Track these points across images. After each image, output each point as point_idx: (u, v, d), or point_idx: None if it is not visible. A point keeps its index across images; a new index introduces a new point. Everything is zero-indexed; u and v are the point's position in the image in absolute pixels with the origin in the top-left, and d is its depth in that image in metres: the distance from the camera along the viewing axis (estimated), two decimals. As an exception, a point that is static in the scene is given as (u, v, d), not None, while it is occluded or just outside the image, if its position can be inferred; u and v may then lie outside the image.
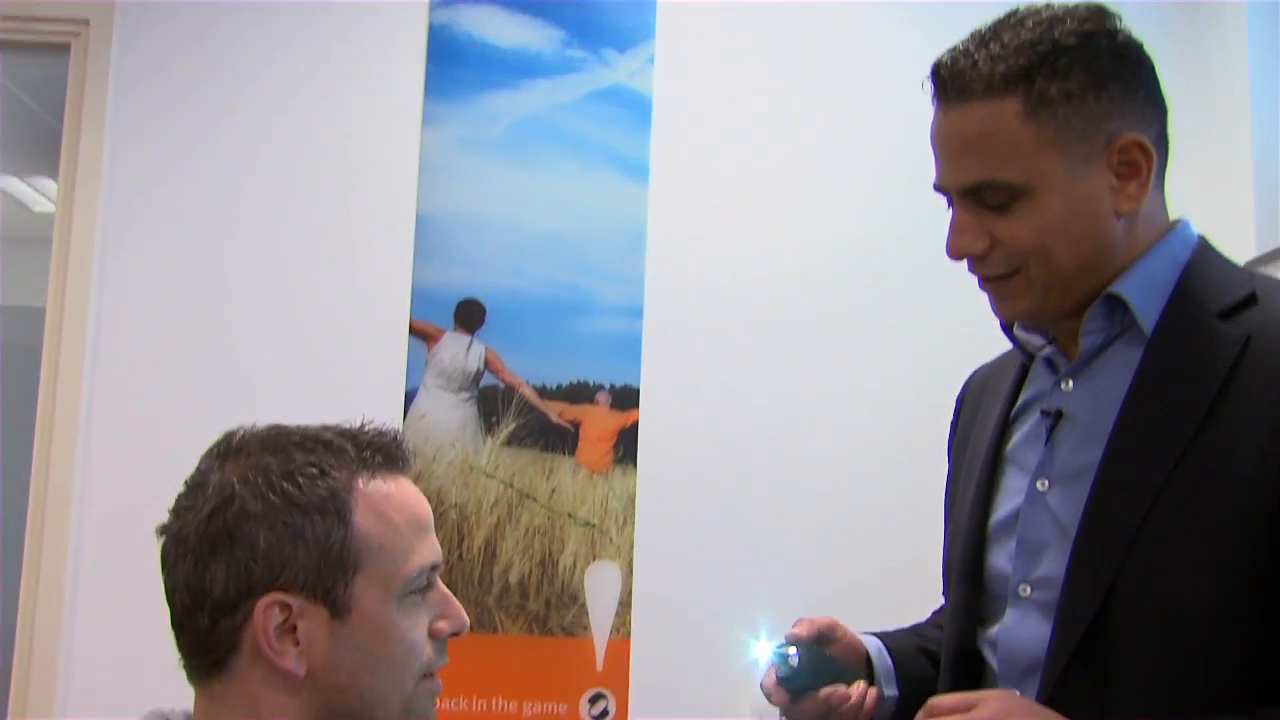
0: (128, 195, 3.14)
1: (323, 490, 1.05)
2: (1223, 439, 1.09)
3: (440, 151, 3.14)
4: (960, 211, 1.20)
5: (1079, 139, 1.15)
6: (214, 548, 1.03)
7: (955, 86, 1.17)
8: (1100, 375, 1.21)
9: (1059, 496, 1.19)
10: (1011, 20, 1.18)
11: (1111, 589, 1.09)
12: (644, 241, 3.12)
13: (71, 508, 3.02)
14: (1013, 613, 1.21)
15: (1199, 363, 1.12)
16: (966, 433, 1.40)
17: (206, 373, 3.07)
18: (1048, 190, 1.15)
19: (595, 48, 3.17)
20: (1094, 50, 1.15)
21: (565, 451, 3.06)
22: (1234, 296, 1.16)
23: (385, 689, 1.06)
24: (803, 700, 1.27)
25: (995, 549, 1.25)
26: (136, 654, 2.89)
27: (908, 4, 3.19)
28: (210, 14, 3.20)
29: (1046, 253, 1.17)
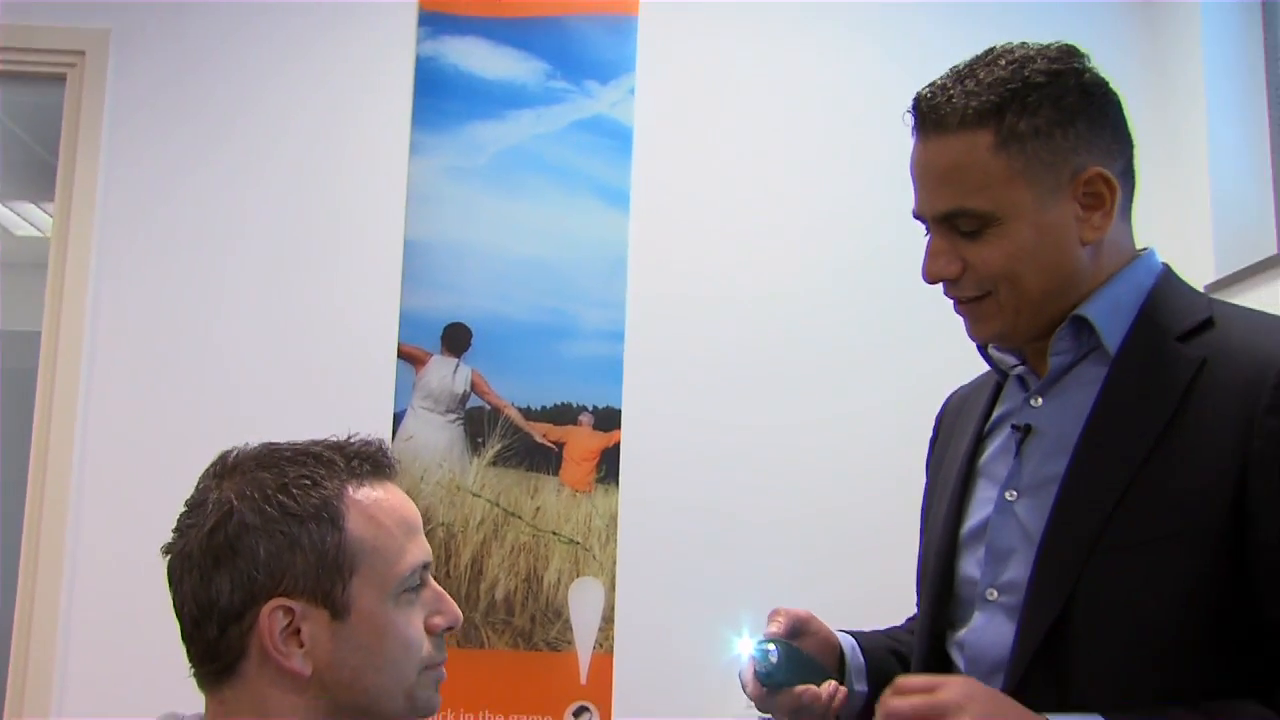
0: (122, 222, 3.19)
1: (316, 500, 1.10)
2: (1178, 454, 1.13)
3: (427, 180, 3.19)
4: (936, 238, 1.25)
5: (1046, 171, 1.20)
6: (218, 561, 1.08)
7: (932, 120, 1.23)
8: (1067, 393, 1.25)
9: (1026, 506, 1.23)
10: (987, 58, 1.25)
11: (1072, 594, 1.14)
12: (625, 267, 3.17)
13: (66, 528, 3.05)
14: (980, 615, 1.25)
15: (1158, 382, 1.17)
16: (943, 449, 1.45)
17: (199, 395, 3.11)
18: (1016, 219, 1.20)
19: (578, 79, 3.23)
20: (1062, 88, 1.21)
21: (549, 471, 3.11)
22: (1193, 320, 1.20)
23: (388, 683, 1.11)
24: (778, 695, 1.32)
25: (965, 556, 1.30)
26: (129, 667, 2.95)
27: (885, 38, 3.27)
28: (203, 46, 3.25)
29: (1015, 277, 1.22)
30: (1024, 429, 1.27)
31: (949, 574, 1.31)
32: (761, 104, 3.26)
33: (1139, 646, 1.12)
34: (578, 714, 3.01)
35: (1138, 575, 1.12)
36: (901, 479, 1.75)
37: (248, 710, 1.09)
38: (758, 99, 3.27)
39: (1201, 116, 3.04)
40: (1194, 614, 1.11)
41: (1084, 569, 1.14)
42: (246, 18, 3.26)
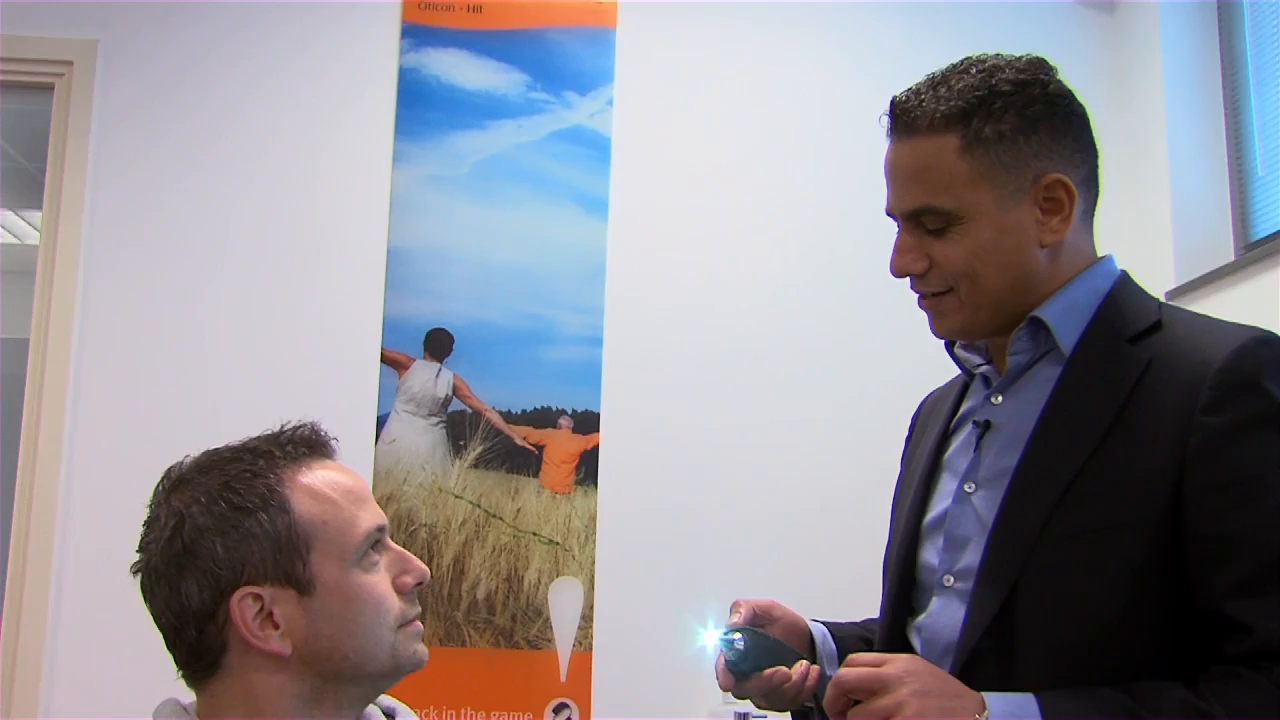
0: (110, 230, 3.22)
1: (260, 490, 1.14)
2: (1122, 449, 1.18)
3: (410, 189, 3.24)
4: (904, 234, 1.31)
5: (1008, 175, 1.25)
6: (181, 567, 1.13)
7: (904, 122, 1.29)
8: (1025, 390, 1.30)
9: (982, 497, 1.28)
10: (960, 67, 1.30)
11: (1018, 580, 1.19)
12: (604, 274, 3.23)
13: (55, 533, 3.07)
14: (937, 600, 1.30)
15: (1107, 381, 1.22)
16: (915, 447, 1.50)
17: (186, 400, 3.14)
18: (978, 218, 1.25)
19: (557, 90, 3.29)
20: (1027, 97, 1.26)
21: (530, 473, 3.15)
22: (1143, 323, 1.25)
23: (367, 645, 1.15)
24: (749, 681, 1.36)
25: (926, 545, 1.34)
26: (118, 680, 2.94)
27: (856, 48, 3.34)
28: (189, 57, 3.29)
29: (975, 275, 1.26)
30: (984, 425, 1.32)
31: (911, 562, 1.36)
32: (737, 114, 3.33)
33: (1080, 630, 1.16)
34: (558, 711, 3.06)
35: (1081, 562, 1.17)
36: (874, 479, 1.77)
37: (238, 699, 1.13)
38: (733, 109, 3.34)
39: (1161, 127, 3.12)
40: (1133, 600, 1.15)
41: (1030, 556, 1.19)
42: (233, 30, 3.31)
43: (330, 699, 1.16)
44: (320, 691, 1.15)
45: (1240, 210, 3.04)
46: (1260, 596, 1.10)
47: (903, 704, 1.11)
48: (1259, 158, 2.98)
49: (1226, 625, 1.12)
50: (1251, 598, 1.11)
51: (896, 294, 1.57)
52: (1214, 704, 1.09)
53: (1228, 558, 1.12)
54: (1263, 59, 2.98)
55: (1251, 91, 3.02)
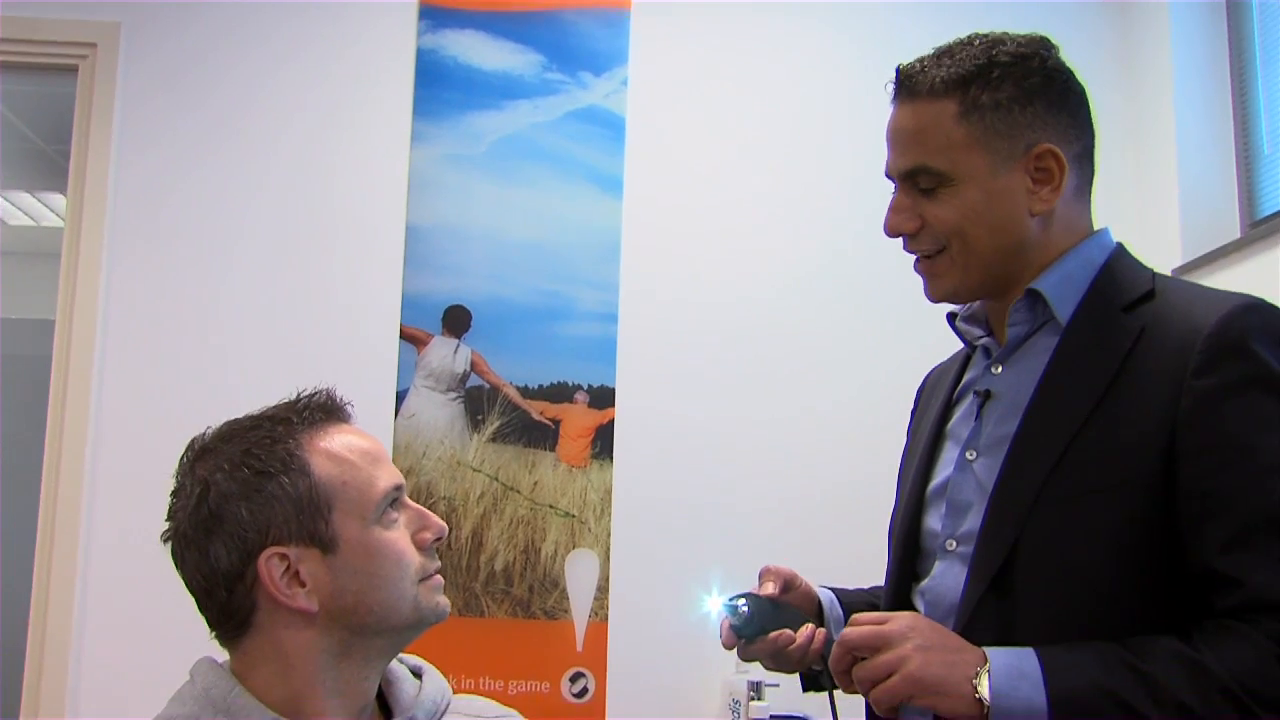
0: (133, 211, 3.26)
1: (280, 454, 1.19)
2: (1116, 414, 1.21)
3: (428, 167, 3.28)
4: (899, 195, 1.35)
5: (1001, 141, 1.29)
6: (208, 532, 1.18)
7: (907, 87, 1.34)
8: (1024, 360, 1.34)
9: (983, 464, 1.32)
10: (966, 40, 1.36)
11: (1017, 541, 1.23)
12: (618, 251, 3.27)
13: (81, 515, 3.11)
14: (940, 564, 1.34)
15: (1102, 349, 1.26)
16: (920, 418, 1.54)
17: (209, 378, 3.19)
18: (970, 181, 1.30)
19: (573, 71, 3.33)
20: (1025, 69, 1.31)
21: (546, 447, 3.20)
22: (1136, 292, 1.29)
23: (390, 598, 1.19)
24: (753, 645, 1.41)
25: (930, 512, 1.38)
26: (145, 655, 2.98)
27: (869, 31, 3.37)
28: (210, 39, 3.34)
29: (965, 235, 1.31)
30: (984, 394, 1.36)
31: (915, 529, 1.40)
32: (750, 94, 3.37)
33: (1077, 589, 1.20)
34: (574, 679, 3.11)
35: (1077, 524, 1.21)
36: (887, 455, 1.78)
37: (269, 655, 1.18)
38: (747, 90, 3.37)
39: (1169, 106, 3.16)
40: (1127, 559, 1.19)
41: (1029, 519, 1.22)
42: (254, 12, 3.35)
43: (358, 652, 1.20)
44: (347, 645, 1.19)
45: (1246, 188, 3.07)
46: (1249, 552, 1.14)
47: (906, 658, 1.15)
48: (1265, 136, 3.01)
49: (1217, 580, 1.15)
50: (1240, 553, 1.14)
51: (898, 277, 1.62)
52: (1206, 654, 1.12)
53: (1217, 515, 1.16)
54: (1270, 38, 3.01)
55: (1258, 70, 3.05)
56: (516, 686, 3.09)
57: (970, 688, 1.13)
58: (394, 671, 1.29)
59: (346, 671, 1.20)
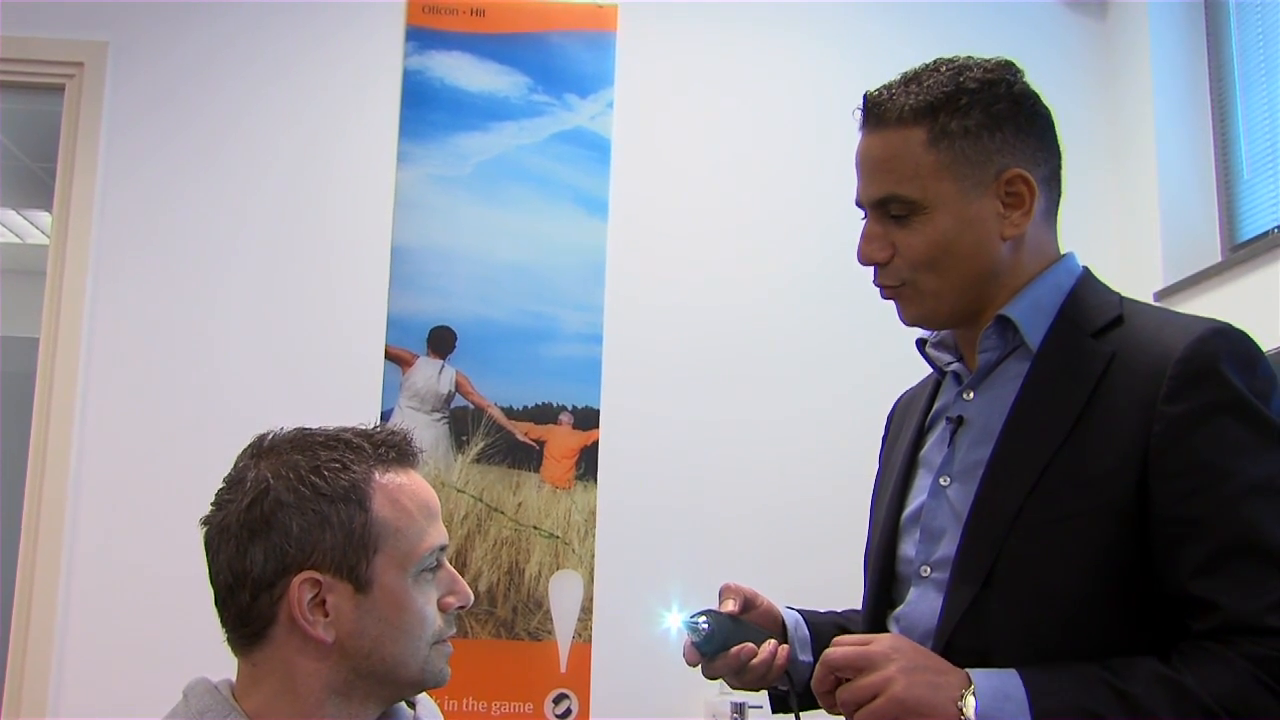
0: (119, 230, 3.26)
1: (345, 482, 1.17)
2: (1088, 441, 1.22)
3: (414, 188, 3.29)
4: (870, 223, 1.35)
5: (972, 168, 1.29)
6: (254, 534, 1.16)
7: (875, 114, 1.34)
8: (995, 386, 1.34)
9: (956, 490, 1.32)
10: (931, 66, 1.35)
11: (993, 566, 1.23)
12: (603, 273, 3.28)
13: (64, 531, 3.10)
14: (915, 591, 1.34)
15: (1073, 376, 1.26)
16: (892, 445, 1.53)
17: (195, 398, 3.18)
18: (941, 209, 1.29)
19: (558, 93, 3.34)
20: (993, 96, 1.31)
21: (531, 468, 3.20)
22: (1105, 318, 1.29)
23: (404, 654, 1.18)
24: (716, 661, 1.39)
25: (905, 539, 1.38)
26: (127, 664, 3.00)
27: (852, 52, 3.39)
28: (198, 58, 3.34)
29: (937, 263, 1.31)
30: (957, 420, 1.36)
31: (891, 556, 1.40)
32: (734, 117, 3.38)
33: (1054, 613, 1.21)
34: (558, 701, 3.10)
35: (1053, 548, 1.21)
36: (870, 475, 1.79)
37: (277, 672, 1.17)
38: (731, 112, 3.39)
39: (1149, 130, 3.18)
40: (1102, 583, 1.20)
41: (1004, 544, 1.23)
42: (241, 32, 3.36)
43: (360, 693, 1.20)
44: (351, 685, 1.19)
45: (1227, 211, 3.09)
46: (1223, 576, 1.15)
47: (891, 680, 1.15)
48: (1245, 160, 3.04)
49: (1193, 604, 1.17)
50: (1215, 577, 1.15)
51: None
52: (1186, 675, 1.13)
53: (1191, 540, 1.17)
54: (1249, 63, 3.04)
55: (1238, 94, 3.08)
56: (500, 708, 3.08)
57: (955, 710, 1.14)
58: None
59: (347, 707, 1.20)
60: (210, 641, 1.25)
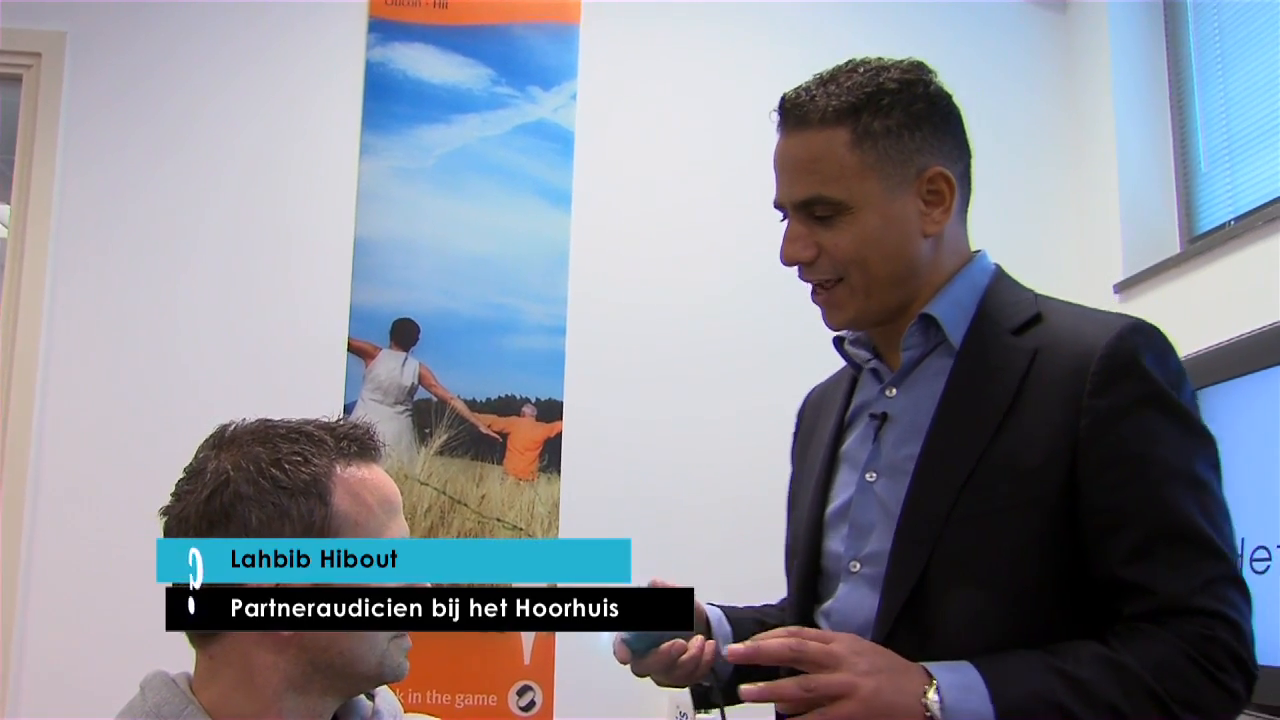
0: (78, 222, 3.24)
1: (306, 475, 1.17)
2: (1017, 435, 1.26)
3: (376, 180, 3.28)
4: (793, 224, 1.37)
5: (895, 167, 1.32)
6: (212, 526, 1.15)
7: (796, 116, 1.35)
8: (918, 383, 1.37)
9: (884, 485, 1.34)
10: (848, 67, 1.37)
11: (929, 560, 1.26)
12: (567, 264, 3.27)
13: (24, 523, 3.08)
14: (844, 586, 1.36)
15: (998, 372, 1.30)
16: (806, 441, 1.57)
17: (156, 391, 3.17)
18: (866, 208, 1.31)
19: (522, 85, 3.33)
20: (912, 95, 1.34)
21: (494, 460, 3.20)
22: (1023, 316, 1.33)
23: (361, 647, 1.17)
24: (646, 658, 1.41)
25: (831, 535, 1.40)
26: (88, 655, 2.99)
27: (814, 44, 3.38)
28: (158, 50, 3.32)
29: (864, 262, 1.33)
30: (881, 417, 1.38)
31: (816, 552, 1.41)
32: (698, 109, 3.39)
33: (989, 602, 1.24)
34: (521, 693, 3.10)
35: (987, 540, 1.25)
36: None
37: (234, 665, 1.16)
38: (694, 104, 3.39)
39: (1109, 123, 3.20)
40: (1037, 573, 1.24)
41: (938, 540, 1.26)
42: (202, 23, 3.33)
43: (318, 686, 1.19)
44: (309, 678, 1.18)
45: (1186, 204, 3.12)
46: (1153, 560, 1.20)
47: (858, 685, 1.15)
48: (1203, 153, 3.06)
49: (1125, 588, 1.21)
50: (1146, 562, 1.20)
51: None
52: (1125, 655, 1.17)
53: (1121, 528, 1.21)
54: (1206, 57, 3.06)
55: (1195, 89, 3.10)
56: (464, 700, 3.08)
57: (921, 706, 1.15)
58: None
59: (304, 702, 1.19)
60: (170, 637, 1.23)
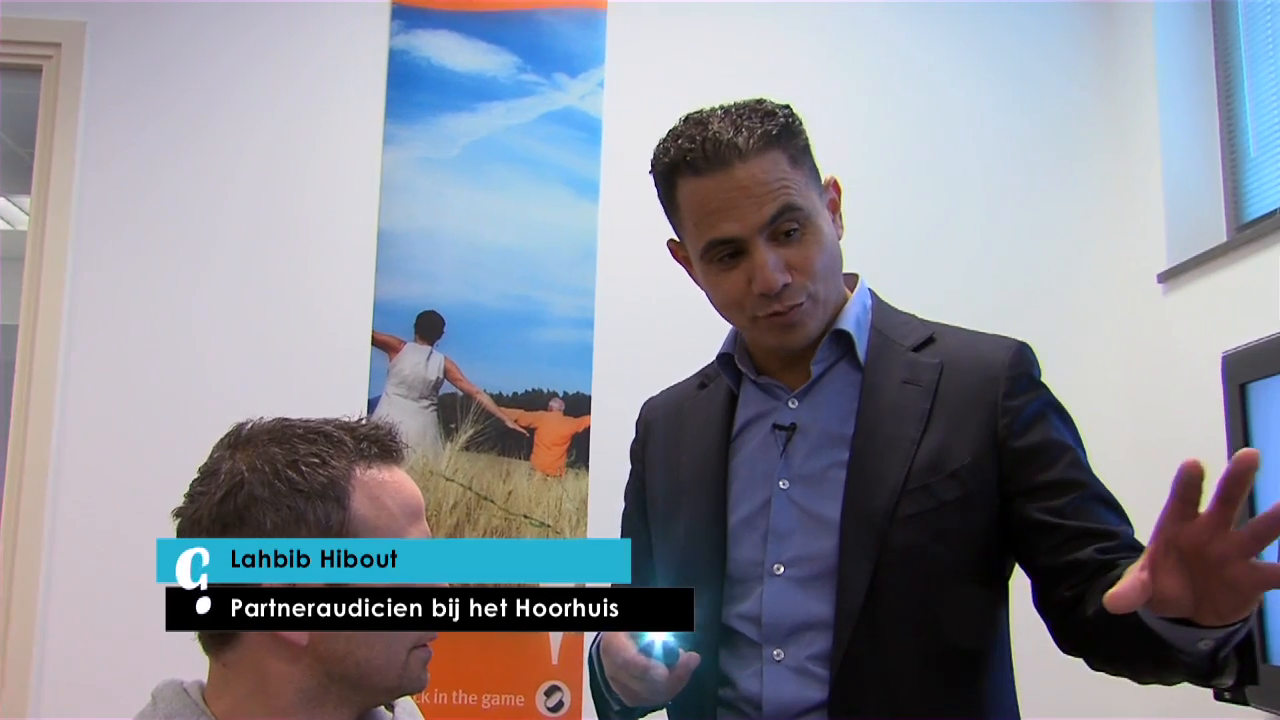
0: (99, 213, 3.21)
1: (323, 478, 1.12)
2: (940, 439, 1.39)
3: (400, 171, 3.24)
4: (762, 252, 1.39)
5: (815, 181, 1.45)
6: (225, 528, 1.10)
7: (733, 150, 1.39)
8: (823, 396, 1.47)
9: (801, 493, 1.43)
10: (742, 109, 1.44)
11: (879, 560, 1.36)
12: (595, 256, 3.23)
13: (44, 520, 3.08)
14: (767, 589, 1.42)
15: (910, 384, 1.43)
16: (663, 454, 1.62)
17: (177, 385, 3.14)
18: (819, 216, 1.42)
19: (548, 72, 3.29)
20: (799, 121, 1.47)
21: (521, 456, 3.16)
22: (919, 337, 1.47)
23: (379, 659, 1.13)
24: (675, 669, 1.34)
25: (740, 543, 1.45)
26: (108, 656, 2.97)
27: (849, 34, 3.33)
28: (180, 40, 3.29)
29: (826, 273, 1.43)
30: (790, 428, 1.46)
31: (721, 560, 1.46)
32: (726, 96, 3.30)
33: (939, 590, 1.37)
34: (549, 693, 3.07)
35: (933, 536, 1.37)
36: None
37: (248, 675, 1.13)
38: (724, 90, 3.27)
39: (1153, 107, 3.11)
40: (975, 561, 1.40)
41: (885, 539, 1.36)
42: (223, 12, 3.30)
43: (333, 697, 1.15)
44: (325, 689, 1.14)
45: (1233, 190, 3.03)
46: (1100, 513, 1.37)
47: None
48: (1251, 137, 2.97)
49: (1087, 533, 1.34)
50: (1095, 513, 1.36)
51: (883, 278, 1.63)
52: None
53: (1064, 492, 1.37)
54: (1256, 37, 2.97)
55: (1244, 72, 3.01)
56: (491, 700, 3.05)
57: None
58: None
59: (320, 712, 1.14)
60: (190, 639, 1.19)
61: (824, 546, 1.39)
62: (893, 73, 3.30)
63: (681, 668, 1.33)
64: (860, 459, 1.41)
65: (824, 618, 1.38)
